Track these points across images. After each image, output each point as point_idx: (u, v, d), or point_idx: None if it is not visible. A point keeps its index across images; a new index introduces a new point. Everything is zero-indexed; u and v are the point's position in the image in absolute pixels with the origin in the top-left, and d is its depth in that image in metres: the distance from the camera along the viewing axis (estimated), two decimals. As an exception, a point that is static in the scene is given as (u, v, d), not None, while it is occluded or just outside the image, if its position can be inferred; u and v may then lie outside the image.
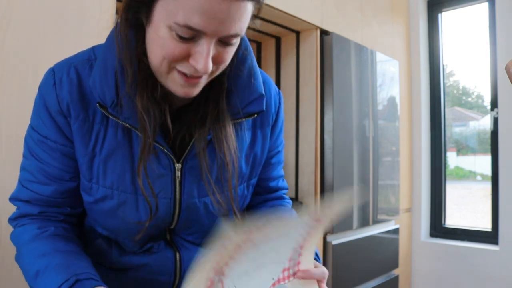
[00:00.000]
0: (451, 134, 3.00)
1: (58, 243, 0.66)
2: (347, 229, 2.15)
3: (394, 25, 2.73)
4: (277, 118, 0.81)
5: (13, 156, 1.10)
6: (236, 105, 0.70)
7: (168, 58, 0.59)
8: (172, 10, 0.55)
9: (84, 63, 0.67)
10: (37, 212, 0.70)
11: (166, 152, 0.67)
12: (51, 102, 0.66)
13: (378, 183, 2.38)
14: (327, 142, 2.09)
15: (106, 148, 0.66)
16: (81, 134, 0.66)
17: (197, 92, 0.64)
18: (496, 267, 2.42)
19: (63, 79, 0.66)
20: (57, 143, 0.67)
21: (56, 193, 0.69)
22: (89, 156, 0.67)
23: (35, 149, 0.68)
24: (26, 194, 0.69)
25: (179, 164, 0.69)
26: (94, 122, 0.66)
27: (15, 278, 1.09)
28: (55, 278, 0.60)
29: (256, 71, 0.72)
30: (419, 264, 2.79)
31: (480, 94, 3.05)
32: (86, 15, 1.25)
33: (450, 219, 2.85)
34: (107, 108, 0.64)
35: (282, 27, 2.09)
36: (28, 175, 0.69)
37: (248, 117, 0.71)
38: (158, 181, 0.68)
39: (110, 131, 0.66)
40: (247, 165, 0.76)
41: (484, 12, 2.68)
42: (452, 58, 2.95)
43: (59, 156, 0.68)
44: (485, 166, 2.77)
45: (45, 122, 0.67)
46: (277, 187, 0.88)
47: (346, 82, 2.17)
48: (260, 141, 0.77)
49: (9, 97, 1.10)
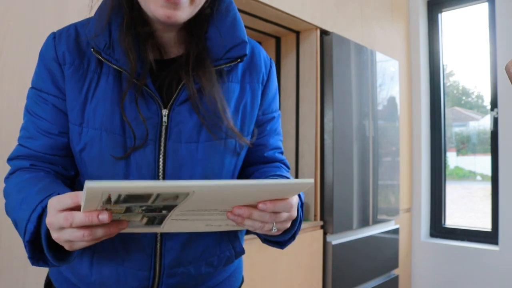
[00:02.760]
0: (451, 134, 3.00)
1: (45, 177, 0.68)
2: (347, 229, 2.15)
3: (394, 25, 2.73)
4: (268, 79, 0.81)
5: (13, 156, 1.10)
6: (218, 50, 0.72)
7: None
8: None
9: (84, 23, 0.73)
10: (28, 164, 0.72)
11: (154, 96, 0.69)
12: (48, 52, 0.71)
13: (378, 183, 2.38)
14: (327, 142, 2.09)
15: (98, 93, 0.69)
16: (75, 79, 0.69)
17: (181, 18, 0.66)
18: (496, 267, 2.42)
19: (62, 34, 0.72)
20: (49, 94, 0.71)
21: (45, 148, 0.71)
22: (81, 100, 0.69)
23: (30, 105, 0.72)
24: (21, 151, 0.73)
25: (166, 110, 0.71)
26: (88, 70, 0.70)
27: (15, 278, 1.09)
28: (38, 196, 0.61)
29: (239, 22, 0.75)
30: (419, 264, 2.79)
31: (480, 94, 3.06)
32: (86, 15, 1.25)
33: (450, 219, 2.85)
34: (101, 53, 0.68)
35: (282, 27, 2.09)
36: (24, 132, 0.73)
37: (232, 62, 0.73)
38: (144, 124, 0.70)
39: (102, 78, 0.70)
40: (237, 116, 0.76)
41: (484, 12, 2.68)
42: (452, 58, 2.95)
43: (50, 109, 0.71)
44: (485, 166, 2.77)
45: (41, 74, 0.71)
46: (274, 157, 0.83)
47: (346, 82, 2.17)
48: (249, 94, 0.77)
49: (9, 97, 1.10)
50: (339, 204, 2.08)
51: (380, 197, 2.39)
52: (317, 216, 2.07)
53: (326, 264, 2.07)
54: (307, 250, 1.97)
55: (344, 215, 2.12)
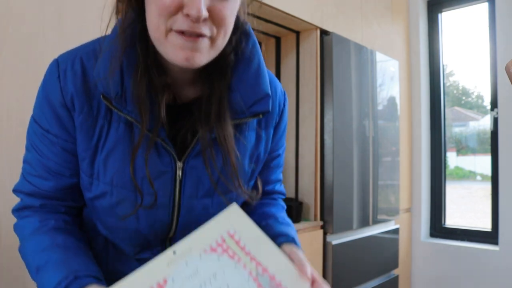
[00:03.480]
0: (451, 134, 3.00)
1: (58, 237, 0.66)
2: (347, 229, 2.15)
3: (394, 25, 2.73)
4: (280, 119, 0.79)
5: (13, 156, 1.10)
6: (240, 104, 0.68)
7: (162, 13, 0.57)
8: None
9: (90, 54, 0.66)
10: (38, 204, 0.69)
11: (168, 148, 0.66)
12: (54, 94, 0.64)
13: (378, 183, 2.38)
14: (327, 142, 2.09)
15: (108, 143, 0.65)
16: (85, 128, 0.65)
17: (200, 61, 0.61)
18: (496, 267, 2.42)
19: (67, 71, 0.64)
20: (58, 138, 0.66)
21: (56, 189, 0.69)
22: (91, 151, 0.66)
23: (36, 142, 0.67)
24: (28, 187, 0.69)
25: (181, 163, 0.67)
26: (98, 116, 0.65)
27: (15, 278, 1.09)
28: (54, 274, 0.60)
29: (263, 70, 0.70)
30: (419, 264, 2.79)
31: (480, 94, 3.06)
32: (86, 15, 1.25)
33: (450, 219, 2.85)
34: (111, 101, 0.62)
35: (282, 27, 2.09)
36: (29, 168, 0.69)
37: (253, 117, 0.69)
38: (158, 179, 0.66)
39: (113, 126, 0.65)
40: (250, 166, 0.75)
41: (484, 12, 2.68)
42: (452, 58, 2.95)
43: (59, 151, 0.67)
44: (485, 166, 2.77)
45: (47, 116, 0.66)
46: (273, 191, 0.85)
47: (346, 82, 2.17)
48: (264, 142, 0.76)
49: (9, 97, 1.10)
50: (339, 204, 2.08)
51: (380, 197, 2.39)
52: (317, 216, 2.07)
53: (326, 264, 2.07)
54: (307, 250, 1.97)
55: (344, 215, 2.12)
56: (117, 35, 0.64)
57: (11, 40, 1.10)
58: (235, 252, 0.63)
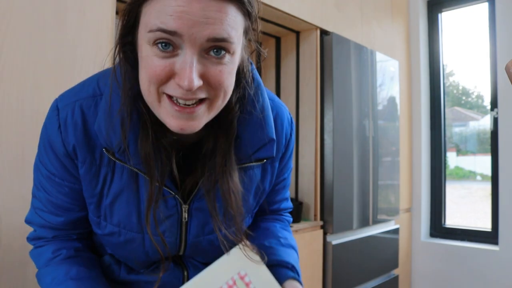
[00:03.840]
0: (451, 134, 3.00)
1: (72, 269, 0.68)
2: (347, 229, 2.15)
3: (394, 25, 2.73)
4: (286, 148, 0.78)
5: (12, 155, 1.10)
6: (245, 151, 0.67)
7: (152, 80, 0.55)
8: (146, 22, 0.54)
9: (89, 101, 0.65)
10: (51, 236, 0.72)
11: (173, 194, 0.67)
12: (57, 144, 0.65)
13: (378, 183, 2.38)
14: (327, 142, 2.09)
15: (113, 190, 0.66)
16: (88, 177, 0.66)
17: (196, 128, 0.58)
18: (496, 267, 2.42)
19: (67, 122, 0.64)
20: (64, 181, 0.67)
21: (67, 223, 0.71)
22: (96, 198, 0.67)
23: (43, 182, 0.69)
24: (39, 221, 0.72)
25: (186, 205, 0.69)
26: (102, 164, 0.65)
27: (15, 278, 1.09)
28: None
29: (267, 113, 0.68)
30: (419, 264, 2.78)
31: (480, 94, 3.05)
32: (86, 15, 1.25)
33: (450, 219, 2.85)
34: (114, 153, 0.62)
35: (282, 27, 2.09)
36: (39, 204, 0.71)
37: (257, 162, 0.70)
38: (164, 223, 0.68)
39: (117, 173, 0.66)
40: (255, 199, 0.76)
41: (484, 12, 2.68)
42: (452, 58, 2.95)
43: (67, 192, 0.68)
44: (485, 166, 2.77)
45: (52, 161, 0.66)
46: (279, 209, 0.86)
47: (346, 82, 2.17)
48: (269, 176, 0.76)
49: (9, 97, 1.10)
50: (339, 204, 2.08)
51: (380, 197, 2.39)
52: (317, 216, 2.07)
53: (326, 264, 2.07)
54: (307, 250, 1.97)
55: (344, 215, 2.12)
56: (115, 85, 0.62)
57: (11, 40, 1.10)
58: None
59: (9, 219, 1.08)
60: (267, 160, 0.71)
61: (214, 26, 0.53)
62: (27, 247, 0.76)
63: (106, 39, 1.29)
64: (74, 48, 1.22)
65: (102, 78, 0.67)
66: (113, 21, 1.31)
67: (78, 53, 1.22)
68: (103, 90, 0.65)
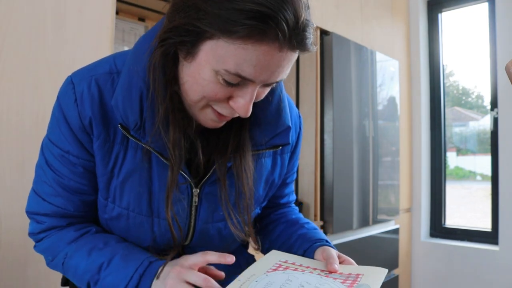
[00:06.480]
0: (451, 134, 3.00)
1: (109, 237, 0.68)
2: (347, 229, 2.15)
3: (394, 25, 2.73)
4: (296, 143, 0.80)
5: (12, 156, 1.10)
6: (261, 136, 0.69)
7: (207, 98, 0.58)
8: (223, 56, 0.53)
9: (106, 77, 0.64)
10: (65, 224, 0.69)
11: (185, 177, 0.66)
12: (73, 118, 0.63)
13: (378, 183, 2.38)
14: (327, 142, 2.09)
15: (124, 170, 0.65)
16: (101, 153, 0.65)
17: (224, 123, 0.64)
18: (496, 267, 2.42)
19: (84, 95, 0.63)
20: (79, 158, 0.66)
21: (80, 208, 0.69)
22: (107, 176, 0.66)
23: (54, 163, 0.67)
24: (49, 208, 0.68)
25: (197, 189, 0.68)
26: (115, 142, 0.65)
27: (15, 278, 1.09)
28: (127, 265, 0.62)
29: (284, 102, 0.70)
30: (419, 264, 2.78)
31: (480, 94, 3.05)
32: (86, 15, 1.25)
33: (450, 219, 2.85)
34: (129, 130, 0.62)
35: (282, 27, 2.09)
36: (48, 188, 0.68)
37: (272, 148, 0.71)
38: (175, 205, 0.67)
39: (129, 153, 0.65)
40: (264, 190, 0.76)
41: (484, 12, 2.68)
42: (452, 58, 2.95)
43: (80, 171, 0.66)
44: (485, 166, 2.77)
45: (67, 137, 0.65)
46: (288, 201, 0.89)
47: (346, 82, 2.17)
48: (279, 167, 0.77)
49: (9, 97, 1.10)
50: (339, 204, 2.08)
51: (380, 197, 2.39)
52: (317, 216, 2.06)
53: (326, 264, 2.06)
54: (307, 250, 1.97)
55: (344, 215, 2.12)
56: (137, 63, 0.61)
57: (11, 40, 1.10)
58: (296, 268, 0.67)
59: (9, 219, 1.08)
60: (283, 147, 0.72)
61: (283, 72, 0.57)
62: (27, 247, 0.75)
63: (106, 39, 1.29)
64: (74, 48, 1.22)
65: (119, 57, 0.67)
66: (113, 21, 1.31)
67: (78, 53, 1.22)
68: (120, 68, 0.64)
